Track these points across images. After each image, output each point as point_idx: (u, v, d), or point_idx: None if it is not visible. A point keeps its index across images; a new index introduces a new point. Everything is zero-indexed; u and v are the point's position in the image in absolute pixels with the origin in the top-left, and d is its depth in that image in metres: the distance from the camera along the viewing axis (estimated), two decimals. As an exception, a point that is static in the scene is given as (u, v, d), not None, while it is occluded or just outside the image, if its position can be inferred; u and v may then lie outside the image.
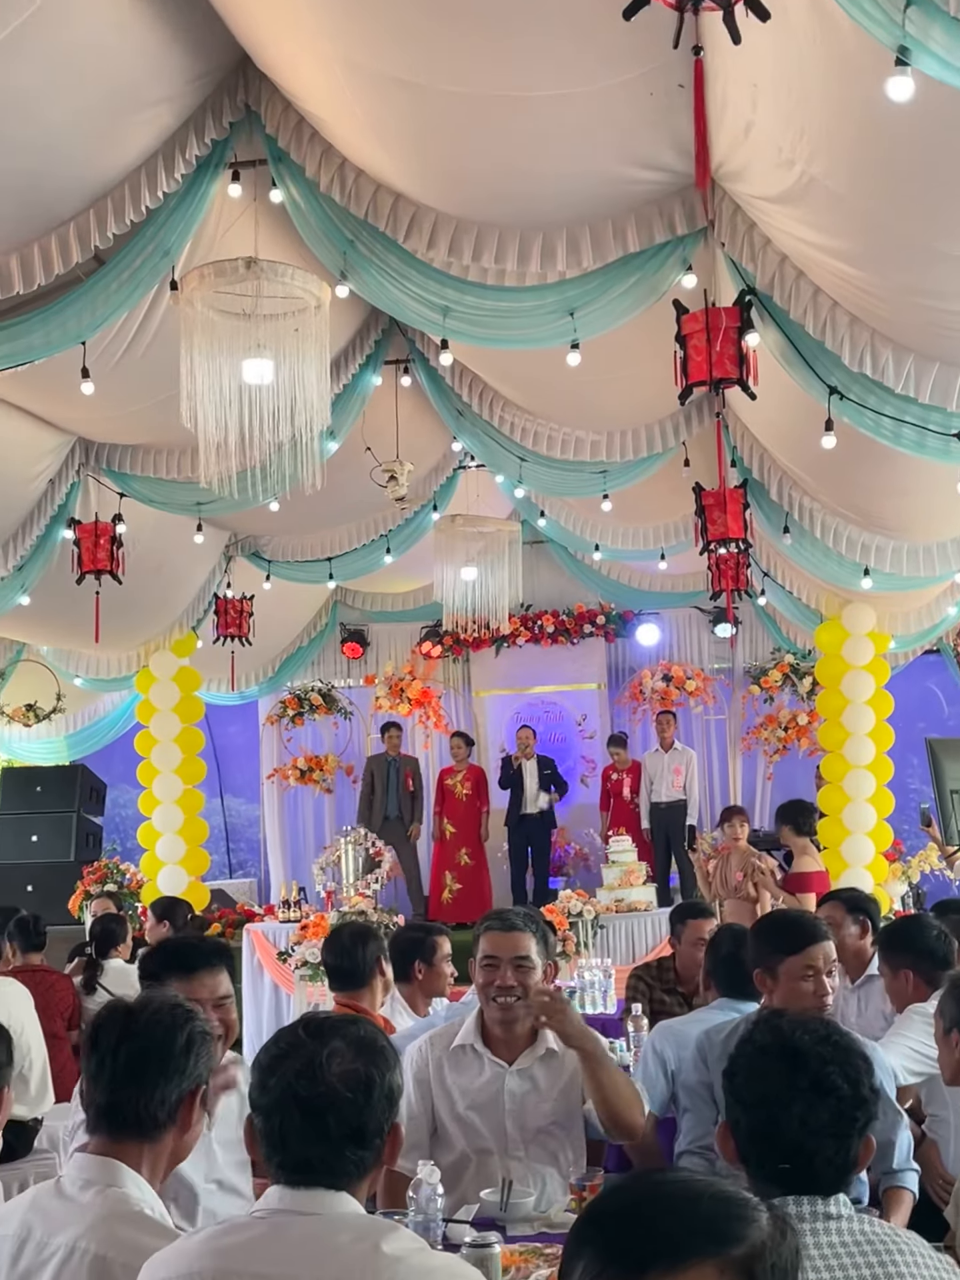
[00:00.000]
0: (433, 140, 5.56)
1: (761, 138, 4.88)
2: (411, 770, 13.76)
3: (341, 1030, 2.33)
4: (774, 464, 8.57)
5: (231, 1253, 2.17)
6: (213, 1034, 2.77)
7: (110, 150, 5.87)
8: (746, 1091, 2.50)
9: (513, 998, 3.95)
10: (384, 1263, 2.11)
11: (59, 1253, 2.40)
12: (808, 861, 9.56)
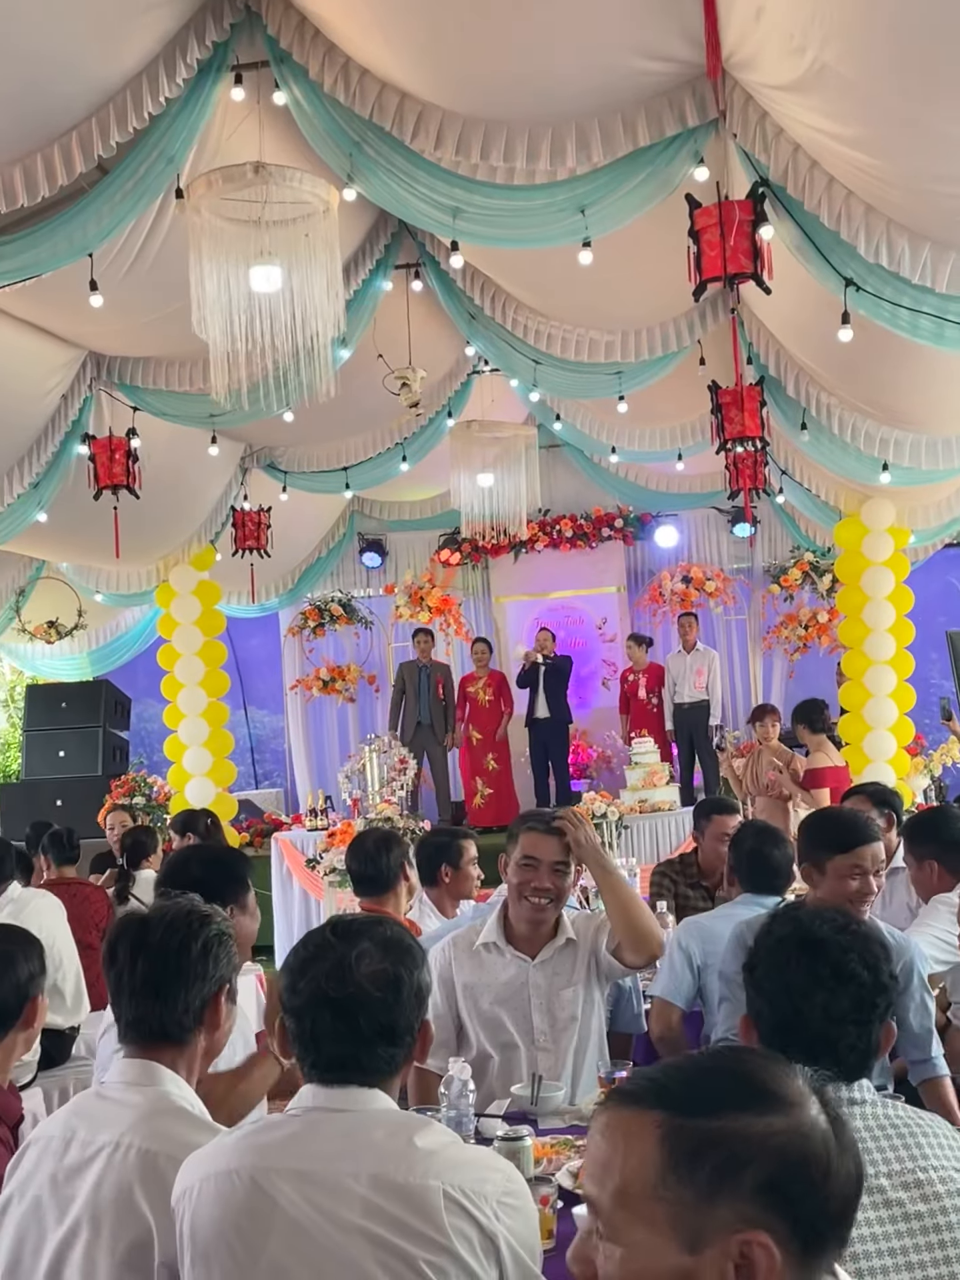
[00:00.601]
0: (438, 36, 5.45)
1: (772, 24, 4.77)
2: (443, 677, 13.78)
3: (369, 931, 2.36)
4: (790, 360, 8.48)
5: (268, 1149, 2.22)
6: (231, 932, 2.78)
7: (110, 55, 5.77)
8: (767, 982, 2.52)
9: (547, 899, 4.01)
10: (418, 1156, 2.15)
11: (105, 1149, 2.45)
12: (821, 758, 9.61)
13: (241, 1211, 2.18)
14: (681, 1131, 1.39)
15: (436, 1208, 2.10)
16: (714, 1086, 1.44)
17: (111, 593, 12.86)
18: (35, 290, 7.03)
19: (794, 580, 14.02)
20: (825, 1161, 1.39)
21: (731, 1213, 1.35)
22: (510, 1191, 2.20)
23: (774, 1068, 1.46)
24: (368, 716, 15.04)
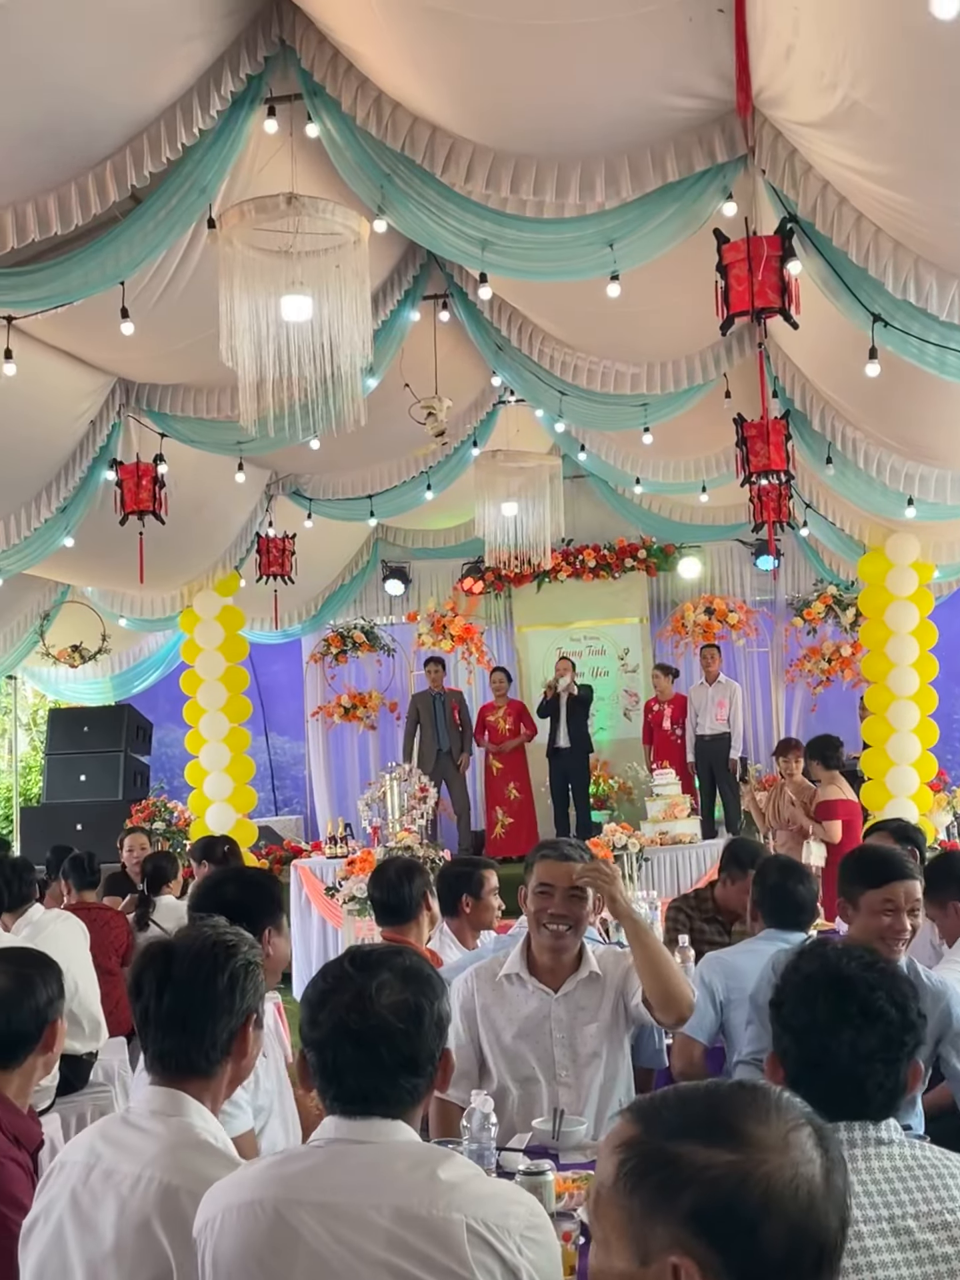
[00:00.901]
0: (470, 71, 5.49)
1: (803, 62, 4.80)
2: (457, 703, 13.80)
3: (388, 962, 2.36)
4: (816, 394, 8.49)
5: (292, 1181, 2.22)
6: (259, 961, 2.76)
7: (145, 88, 5.83)
8: (794, 1019, 2.51)
9: (564, 926, 4.00)
10: (441, 1189, 2.15)
11: (127, 1179, 2.45)
12: (833, 790, 9.60)
13: (265, 1243, 2.17)
14: (638, 1146, 1.45)
15: (460, 1241, 2.10)
16: (682, 1111, 1.48)
17: (135, 617, 12.91)
18: (67, 317, 7.09)
19: (817, 613, 14.00)
20: (762, 1206, 1.39)
21: (668, 1233, 1.40)
22: (533, 1225, 2.19)
23: (753, 1107, 1.48)
24: (389, 744, 15.04)
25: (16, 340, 7.16)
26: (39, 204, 6.09)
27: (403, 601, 15.30)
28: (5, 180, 5.98)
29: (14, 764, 16.58)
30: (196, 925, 2.78)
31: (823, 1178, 1.44)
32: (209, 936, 2.71)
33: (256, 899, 3.68)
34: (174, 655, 13.87)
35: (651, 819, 11.62)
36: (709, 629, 14.24)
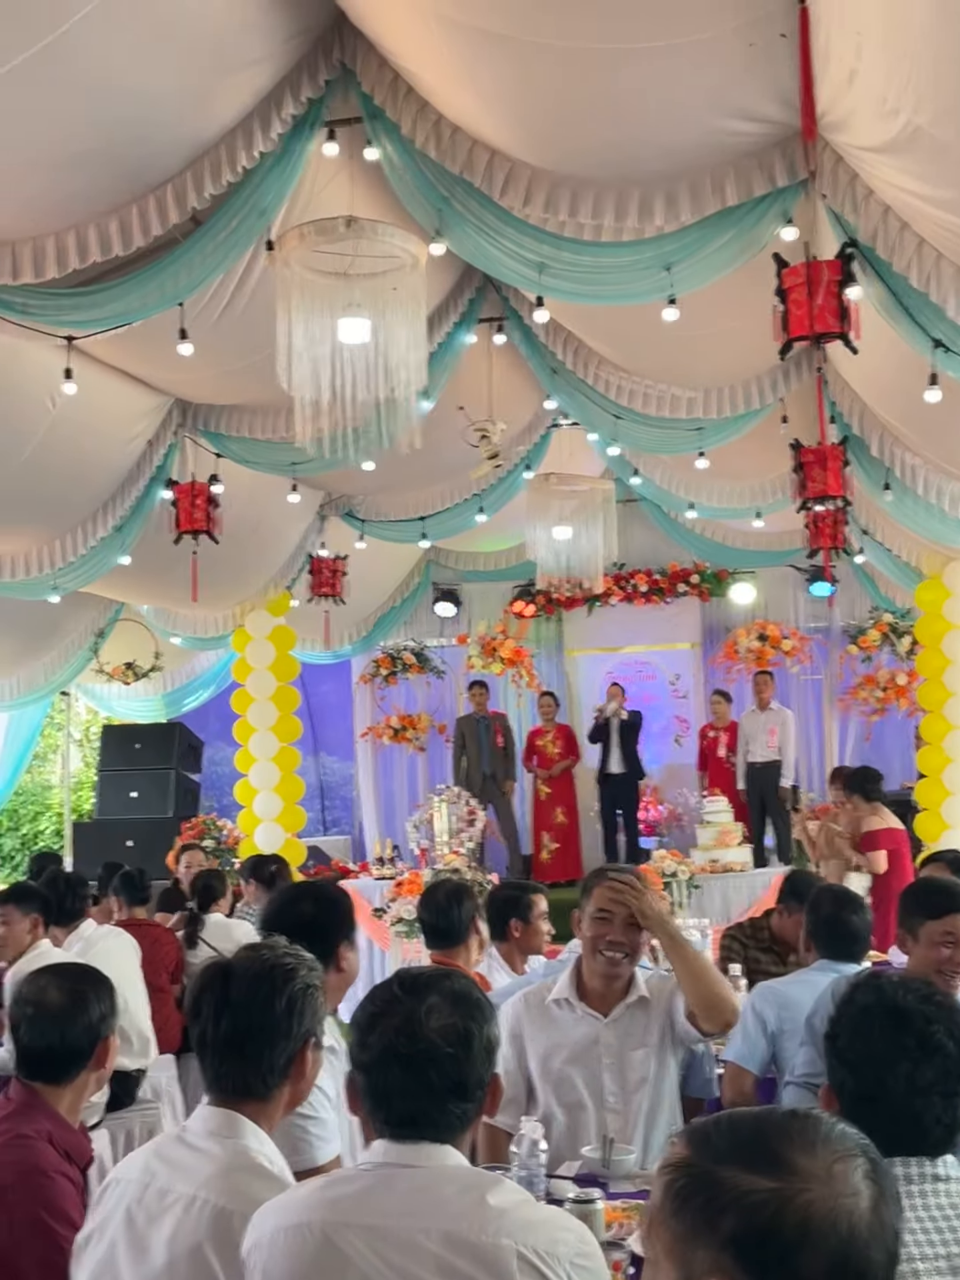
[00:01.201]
0: (529, 94, 5.50)
1: (865, 87, 4.77)
2: (501, 726, 13.79)
3: (437, 985, 2.35)
4: (874, 420, 8.43)
5: (340, 1204, 2.20)
6: (318, 984, 2.74)
7: (207, 111, 5.88)
8: (850, 1052, 2.48)
9: (621, 954, 3.97)
10: (490, 1214, 2.12)
11: (180, 1201, 2.44)
12: (875, 821, 9.49)
13: (313, 1266, 2.16)
14: (687, 1168, 1.45)
15: (509, 1267, 2.07)
16: (731, 1136, 1.47)
17: (189, 636, 12.99)
18: (126, 338, 7.15)
19: (872, 641, 13.89)
20: (799, 1235, 1.37)
21: (709, 1257, 1.39)
22: (583, 1253, 2.17)
23: (800, 1135, 1.46)
24: (437, 766, 15.03)
25: (76, 360, 7.23)
26: (100, 225, 6.16)
27: (453, 624, 15.32)
28: (68, 201, 6.05)
29: (66, 780, 16.70)
30: (255, 947, 2.75)
31: (870, 1211, 1.41)
32: (267, 959, 2.68)
33: (332, 915, 3.68)
34: (225, 674, 13.94)
35: (702, 846, 11.55)
36: (762, 655, 14.14)
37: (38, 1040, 3.23)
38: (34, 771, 18.37)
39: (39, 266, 6.19)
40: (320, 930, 3.51)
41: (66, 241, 6.18)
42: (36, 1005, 3.26)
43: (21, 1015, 3.26)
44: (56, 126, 5.52)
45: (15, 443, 8.02)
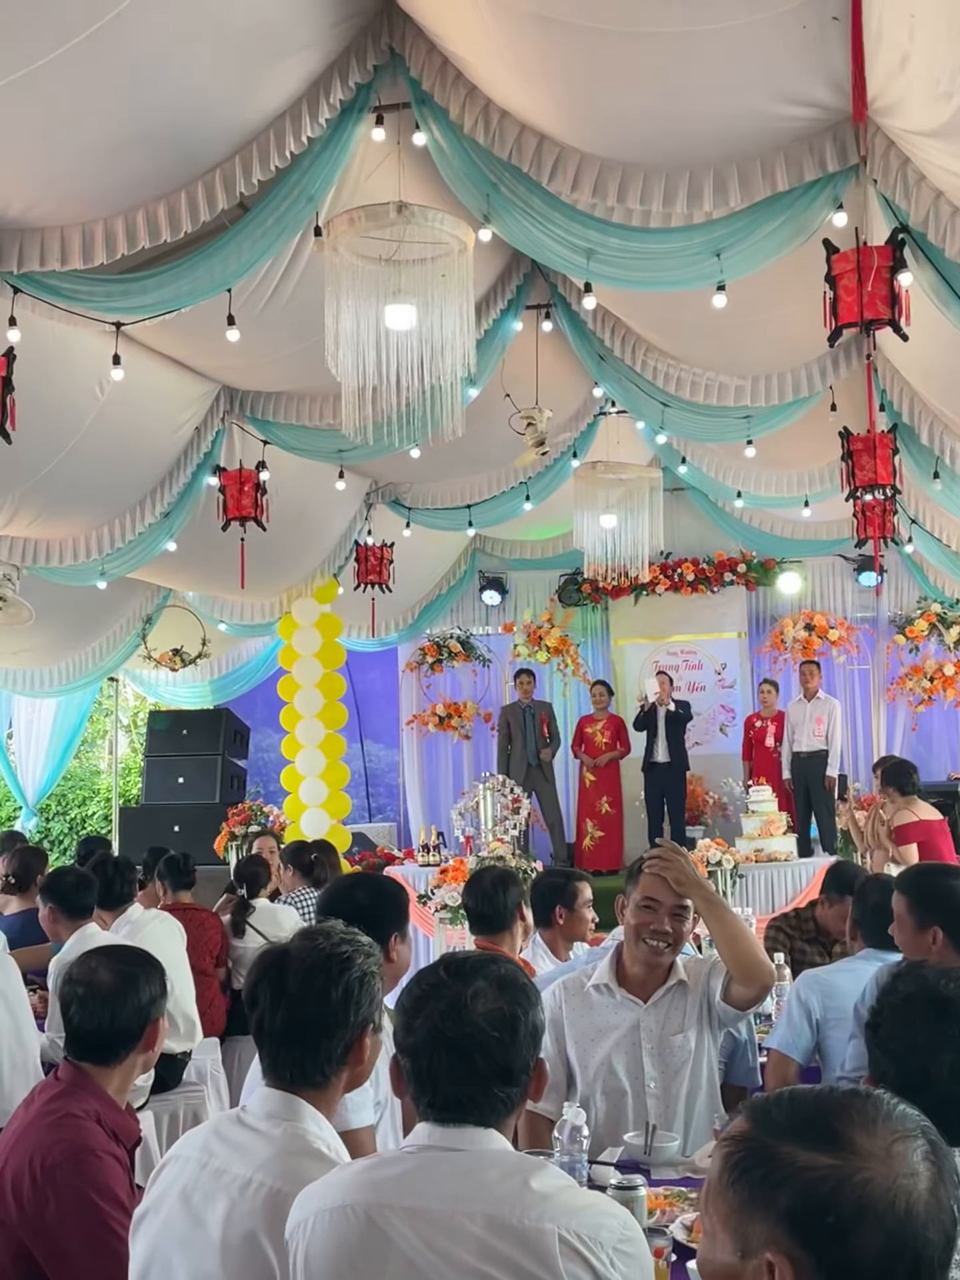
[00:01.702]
0: (578, 78, 5.48)
1: (918, 70, 4.73)
2: (546, 714, 13.79)
3: (483, 969, 2.35)
4: (925, 407, 8.36)
5: (383, 1186, 2.21)
6: (376, 970, 2.73)
7: (256, 97, 5.89)
8: (893, 1041, 2.47)
9: (665, 943, 3.97)
10: (533, 1199, 2.12)
11: (236, 1182, 2.46)
12: (906, 815, 9.36)
13: (356, 1248, 2.17)
14: (746, 1141, 1.49)
15: (552, 1252, 2.07)
16: (792, 1112, 1.50)
17: (235, 623, 13.05)
18: (174, 324, 7.18)
19: (920, 631, 13.78)
20: (856, 1212, 1.40)
21: (765, 1230, 1.43)
22: (626, 1239, 2.16)
23: (860, 1114, 1.48)
24: (482, 754, 15.04)
25: (124, 347, 7.26)
26: (149, 211, 6.18)
27: (499, 612, 15.32)
28: (116, 188, 6.07)
29: (114, 765, 16.83)
30: (312, 934, 2.74)
31: (928, 1192, 1.43)
32: (323, 949, 2.67)
33: (386, 905, 3.68)
34: (272, 661, 13.99)
35: (747, 835, 11.50)
36: (809, 645, 14.06)
37: (88, 1021, 3.25)
38: (82, 757, 18.54)
39: (88, 252, 6.22)
40: (373, 920, 3.51)
41: (115, 227, 6.21)
42: (87, 986, 3.28)
43: (72, 996, 3.28)
44: (105, 112, 5.55)
45: (64, 429, 8.07)
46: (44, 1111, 3.14)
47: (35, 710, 14.76)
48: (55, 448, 8.15)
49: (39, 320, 6.79)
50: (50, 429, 7.92)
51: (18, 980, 5.36)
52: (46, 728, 14.78)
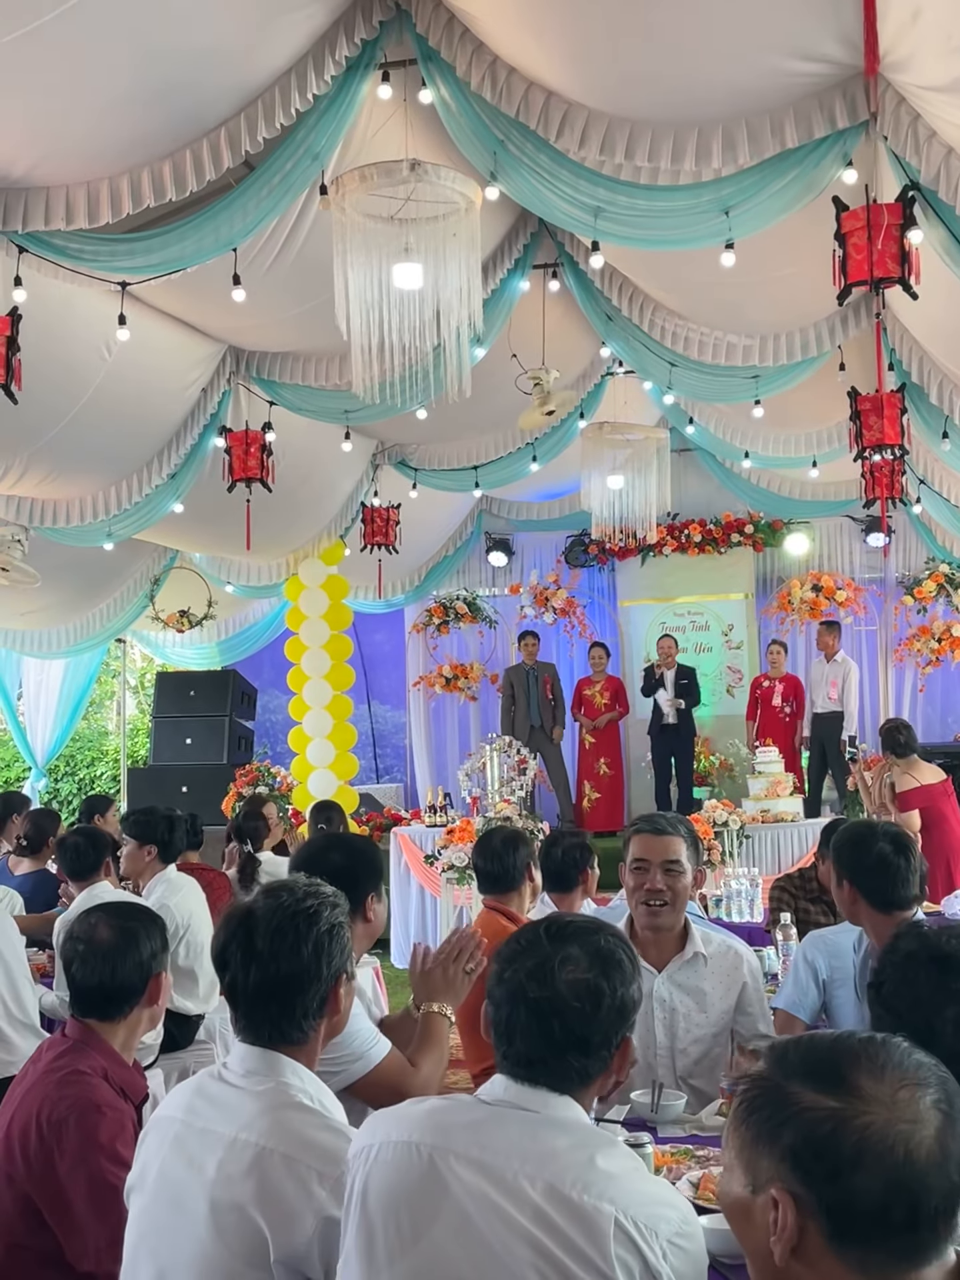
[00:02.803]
0: (587, 35, 5.43)
1: (930, 24, 4.68)
2: (550, 676, 13.81)
3: (581, 937, 2.34)
4: (934, 367, 8.31)
5: (452, 1131, 2.22)
6: (343, 921, 2.72)
7: (261, 53, 5.84)
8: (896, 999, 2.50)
9: (661, 902, 3.97)
10: (597, 1175, 2.10)
11: (223, 1141, 2.47)
12: (907, 780, 9.33)
13: (415, 1187, 2.18)
14: (761, 1081, 1.57)
15: (605, 1234, 2.05)
16: (806, 1055, 1.57)
17: (242, 584, 13.04)
18: (179, 284, 7.14)
19: (928, 592, 13.77)
20: (855, 1154, 1.45)
21: (771, 1166, 1.50)
22: (684, 1233, 2.12)
23: (871, 1060, 1.53)
24: (489, 715, 15.07)
25: (130, 307, 7.23)
26: (154, 170, 6.14)
27: (505, 573, 15.31)
28: (121, 146, 6.03)
29: (122, 726, 16.87)
30: (275, 891, 2.72)
31: (933, 1139, 1.47)
32: (288, 906, 2.66)
33: (360, 865, 3.68)
34: (279, 622, 14.00)
35: (753, 797, 11.52)
36: (816, 606, 14.06)
37: (89, 978, 3.26)
38: (90, 718, 18.58)
39: (93, 212, 6.18)
40: (349, 881, 3.52)
41: (120, 186, 6.17)
42: (87, 942, 3.29)
43: (73, 953, 3.29)
44: (109, 70, 5.51)
45: (71, 390, 8.04)
46: (51, 1068, 3.17)
47: (44, 672, 14.79)
48: (62, 409, 8.13)
49: (44, 280, 6.76)
50: (57, 390, 7.90)
51: (15, 938, 5.38)
52: (55, 689, 14.82)
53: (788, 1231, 1.47)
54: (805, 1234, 1.47)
